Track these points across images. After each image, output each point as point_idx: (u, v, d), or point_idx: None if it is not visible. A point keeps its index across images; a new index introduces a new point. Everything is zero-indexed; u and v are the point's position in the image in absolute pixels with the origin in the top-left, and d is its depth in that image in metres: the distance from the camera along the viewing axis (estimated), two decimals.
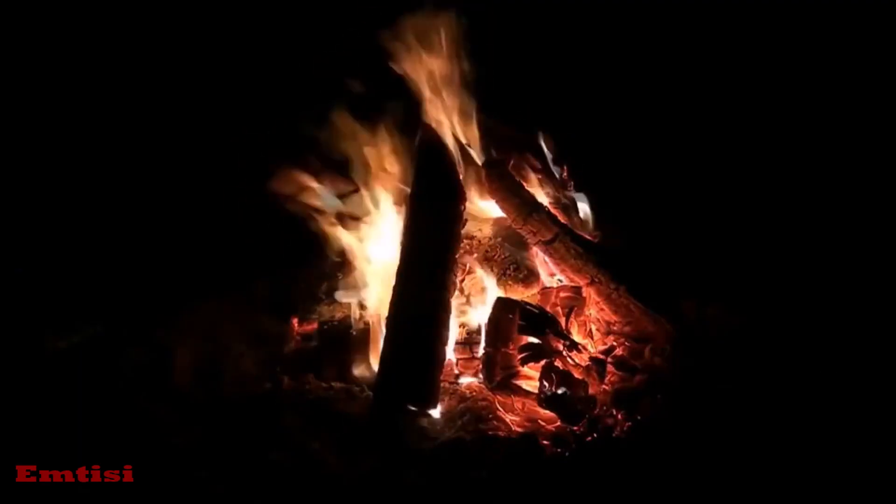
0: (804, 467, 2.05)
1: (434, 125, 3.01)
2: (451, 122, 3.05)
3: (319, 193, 3.04)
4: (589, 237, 2.99)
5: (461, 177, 3.06)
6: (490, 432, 2.32)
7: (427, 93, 3.00)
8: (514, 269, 2.96)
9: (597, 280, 2.79)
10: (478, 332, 2.77)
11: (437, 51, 2.95)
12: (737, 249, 3.18)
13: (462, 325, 2.82)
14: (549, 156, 3.27)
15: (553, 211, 3.03)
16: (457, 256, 2.85)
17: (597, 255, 2.82)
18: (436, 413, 2.44)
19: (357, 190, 3.10)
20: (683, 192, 3.59)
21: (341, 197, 3.10)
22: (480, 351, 2.66)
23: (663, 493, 2.01)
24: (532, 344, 2.52)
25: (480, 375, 2.60)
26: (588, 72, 4.06)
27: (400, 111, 3.06)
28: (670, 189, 3.60)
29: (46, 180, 3.70)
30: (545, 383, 2.37)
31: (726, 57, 4.03)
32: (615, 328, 2.80)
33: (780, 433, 2.17)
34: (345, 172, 3.10)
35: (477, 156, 3.08)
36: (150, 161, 3.87)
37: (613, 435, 2.26)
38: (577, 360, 2.53)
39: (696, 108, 3.94)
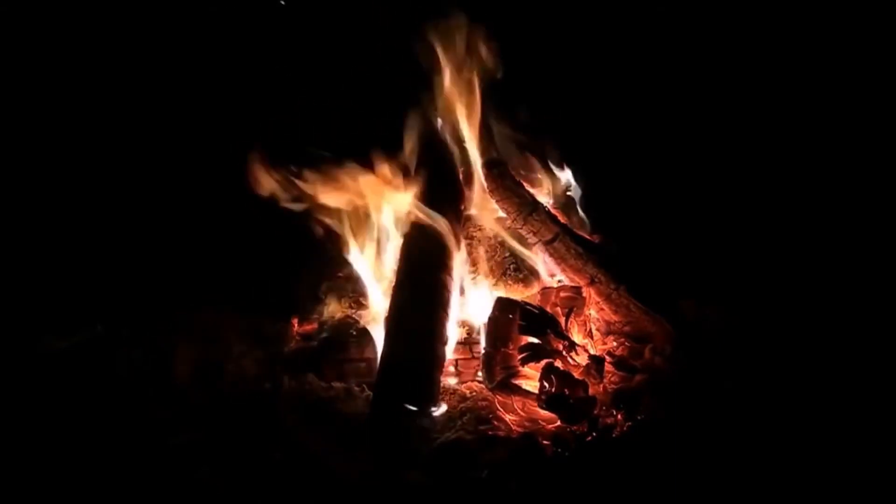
0: (805, 466, 2.05)
1: (436, 125, 3.02)
2: (453, 121, 3.05)
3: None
4: (589, 237, 2.99)
5: (461, 177, 3.07)
6: (490, 432, 2.32)
7: (430, 92, 3.01)
8: (514, 269, 2.96)
9: (597, 280, 2.79)
10: (478, 332, 2.77)
11: (447, 50, 2.95)
12: (736, 249, 3.18)
13: (462, 325, 2.82)
14: (549, 155, 3.27)
15: (553, 211, 3.03)
16: (456, 256, 2.86)
17: (597, 255, 2.82)
18: (436, 413, 2.44)
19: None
20: (682, 192, 3.59)
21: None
22: (481, 351, 2.66)
23: (663, 492, 2.01)
24: (532, 344, 2.52)
25: (480, 375, 2.60)
26: (588, 72, 4.06)
27: (401, 111, 3.07)
28: (669, 189, 3.60)
29: (46, 180, 3.71)
30: (545, 384, 2.37)
31: (726, 57, 4.03)
32: (615, 328, 2.80)
33: (780, 432, 2.17)
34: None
35: (478, 155, 3.08)
36: (150, 161, 3.87)
37: (613, 435, 2.26)
38: (577, 361, 2.53)
39: (695, 109, 3.94)
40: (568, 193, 3.21)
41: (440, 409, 2.46)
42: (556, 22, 4.11)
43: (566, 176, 3.24)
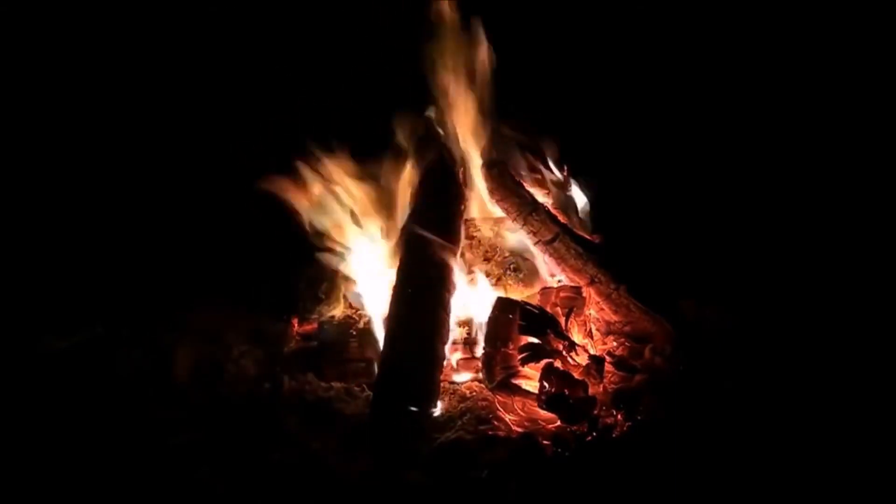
0: (805, 466, 2.05)
1: (436, 125, 3.02)
2: (453, 121, 3.05)
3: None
4: (589, 237, 2.99)
5: (461, 176, 3.07)
6: (490, 432, 2.32)
7: (429, 91, 3.01)
8: (514, 269, 2.96)
9: (597, 280, 2.79)
10: (478, 331, 2.77)
11: (445, 48, 2.95)
12: (735, 249, 3.18)
13: (462, 325, 2.82)
14: (549, 156, 3.27)
15: (553, 211, 3.03)
16: (457, 256, 2.86)
17: (597, 255, 2.82)
18: (436, 413, 2.44)
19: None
20: (682, 192, 3.59)
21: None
22: (480, 351, 2.66)
23: (663, 492, 2.01)
24: (532, 344, 2.52)
25: (480, 375, 2.60)
26: (588, 71, 4.06)
27: (401, 112, 3.07)
28: (669, 189, 3.60)
29: (46, 180, 3.71)
30: (545, 384, 2.37)
31: (726, 57, 4.03)
32: (615, 328, 2.80)
33: (780, 432, 2.17)
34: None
35: (478, 155, 3.08)
36: (150, 161, 3.87)
37: (613, 435, 2.26)
38: (577, 361, 2.53)
39: (695, 108, 3.94)
40: (569, 195, 3.21)
41: (439, 409, 2.46)
42: (557, 22, 4.11)
43: (566, 176, 3.24)
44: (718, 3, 4.10)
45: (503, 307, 2.60)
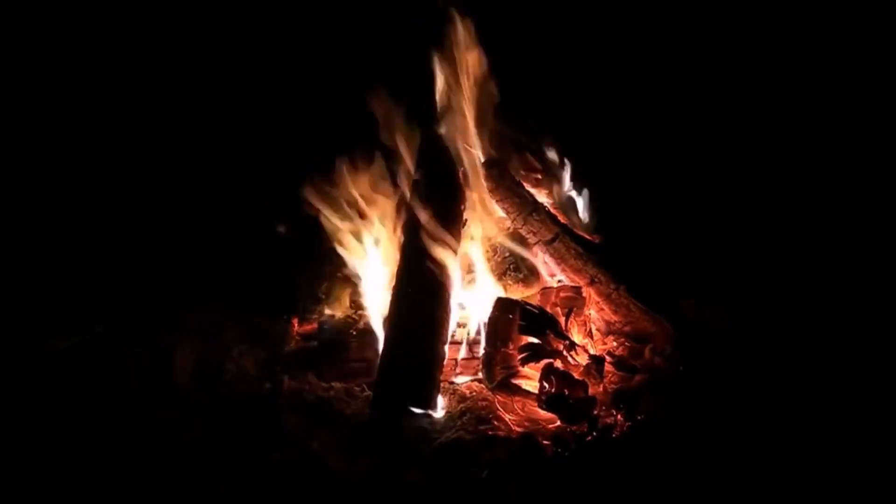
0: (804, 467, 2.05)
1: (435, 124, 3.02)
2: (453, 121, 3.05)
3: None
4: (589, 237, 2.99)
5: (461, 176, 3.07)
6: (490, 432, 2.32)
7: (430, 91, 3.01)
8: (514, 269, 2.96)
9: (597, 280, 2.79)
10: (478, 332, 2.77)
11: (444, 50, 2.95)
12: (736, 249, 3.18)
13: (462, 325, 2.82)
14: (549, 155, 3.27)
15: (553, 211, 3.04)
16: (456, 256, 2.86)
17: (597, 255, 2.82)
18: (436, 413, 2.44)
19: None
20: (682, 192, 3.59)
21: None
22: (480, 351, 2.66)
23: (663, 492, 2.01)
24: (532, 344, 2.52)
25: (480, 375, 2.60)
26: (589, 71, 4.06)
27: (401, 110, 3.07)
28: (669, 189, 3.60)
29: (46, 180, 3.71)
30: (545, 384, 2.37)
31: (726, 57, 4.03)
32: (615, 328, 2.80)
33: (779, 432, 2.17)
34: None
35: (478, 155, 3.08)
36: (151, 161, 3.87)
37: (613, 435, 2.26)
38: (577, 361, 2.53)
39: (695, 108, 3.94)
40: (569, 194, 3.20)
41: (439, 409, 2.46)
42: (557, 21, 4.11)
43: (566, 178, 3.24)
44: (718, 2, 4.10)
45: (503, 307, 2.61)
